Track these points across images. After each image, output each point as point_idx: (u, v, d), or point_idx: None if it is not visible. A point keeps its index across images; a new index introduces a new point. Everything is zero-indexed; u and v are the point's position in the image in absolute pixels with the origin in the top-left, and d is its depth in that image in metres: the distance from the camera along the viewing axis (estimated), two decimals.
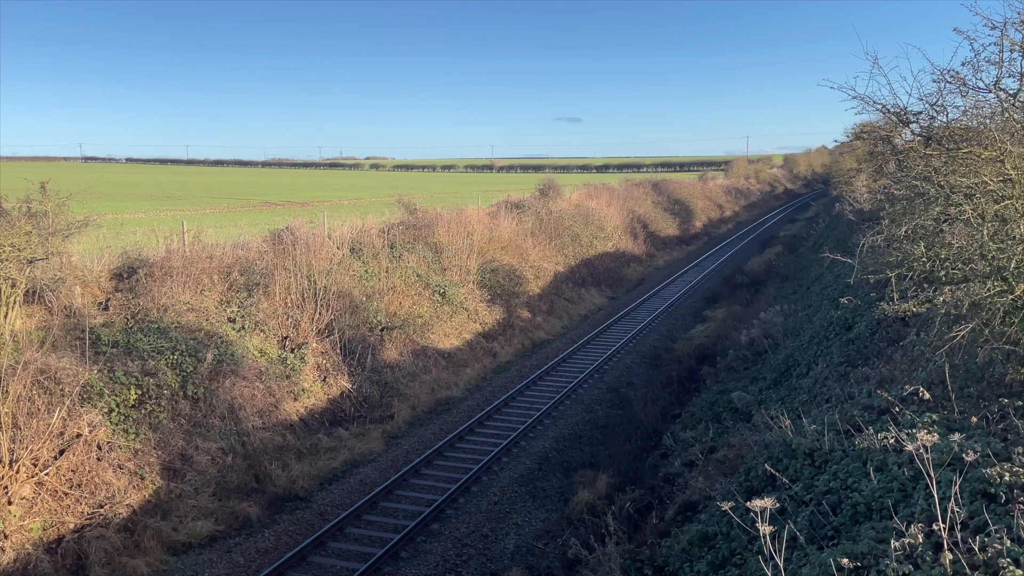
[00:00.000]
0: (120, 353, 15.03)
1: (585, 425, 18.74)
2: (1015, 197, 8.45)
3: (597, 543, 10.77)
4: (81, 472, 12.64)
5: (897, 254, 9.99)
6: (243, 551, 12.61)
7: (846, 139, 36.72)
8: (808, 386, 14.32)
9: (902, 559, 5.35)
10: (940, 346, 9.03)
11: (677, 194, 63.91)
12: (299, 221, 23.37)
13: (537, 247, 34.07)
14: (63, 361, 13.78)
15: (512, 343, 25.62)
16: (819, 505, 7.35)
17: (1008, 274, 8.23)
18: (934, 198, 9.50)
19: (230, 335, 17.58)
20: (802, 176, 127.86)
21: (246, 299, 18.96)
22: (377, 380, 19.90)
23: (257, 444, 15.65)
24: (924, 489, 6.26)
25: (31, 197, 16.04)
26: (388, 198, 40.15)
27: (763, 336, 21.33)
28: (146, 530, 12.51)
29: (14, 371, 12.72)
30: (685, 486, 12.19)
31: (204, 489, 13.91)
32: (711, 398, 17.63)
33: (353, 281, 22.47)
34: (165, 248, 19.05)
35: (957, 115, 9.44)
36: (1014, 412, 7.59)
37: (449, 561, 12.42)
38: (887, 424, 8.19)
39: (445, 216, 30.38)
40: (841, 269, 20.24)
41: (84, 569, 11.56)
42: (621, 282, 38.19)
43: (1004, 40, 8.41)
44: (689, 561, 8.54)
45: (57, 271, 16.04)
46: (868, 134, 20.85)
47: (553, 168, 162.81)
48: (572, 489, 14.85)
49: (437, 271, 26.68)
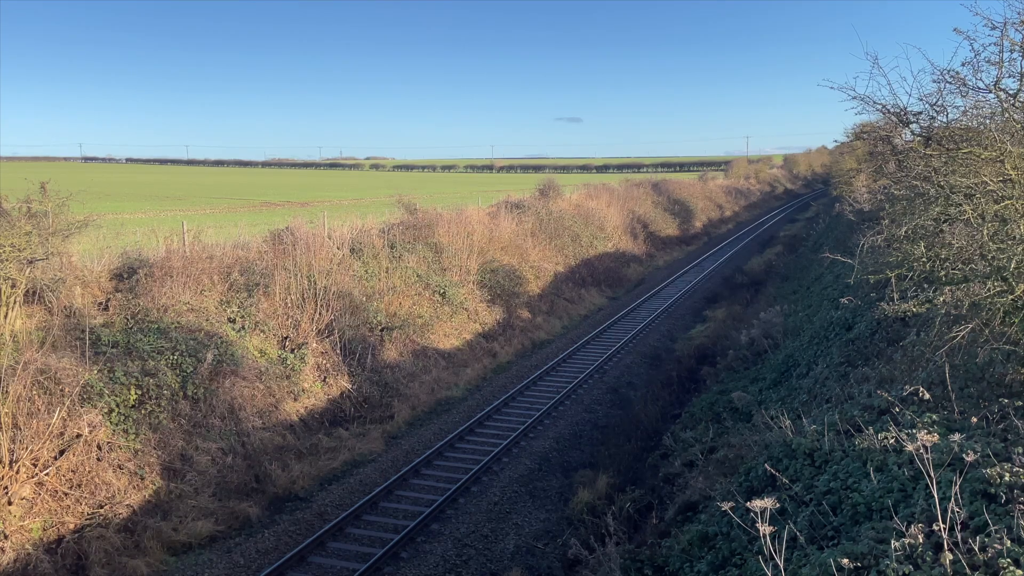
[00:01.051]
0: (120, 353, 15.04)
1: (585, 425, 18.74)
2: (1015, 197, 8.45)
3: (597, 543, 10.77)
4: (81, 472, 12.64)
5: (897, 254, 10.00)
6: (243, 551, 12.61)
7: (846, 139, 36.76)
8: (808, 386, 14.33)
9: (902, 559, 5.35)
10: (940, 346, 9.03)
11: (677, 194, 63.93)
12: (299, 221, 23.36)
13: (537, 247, 34.06)
14: (63, 361, 13.78)
15: (512, 343, 25.62)
16: (819, 505, 7.35)
17: (1008, 274, 8.23)
18: (934, 198, 9.50)
19: (230, 335, 17.58)
20: (802, 176, 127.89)
21: (246, 299, 18.96)
22: (377, 380, 19.91)
23: (257, 444, 15.65)
24: (924, 489, 6.26)
25: (31, 197, 16.04)
26: (388, 198, 40.14)
27: (763, 336, 21.34)
28: (146, 530, 12.52)
29: (14, 371, 12.72)
30: (685, 486, 12.20)
31: (204, 489, 13.91)
32: (711, 398, 17.64)
33: (353, 281, 22.47)
34: (165, 248, 19.06)
35: (957, 115, 9.44)
36: (1014, 412, 7.59)
37: (449, 561, 12.43)
38: (887, 424, 8.19)
39: (445, 216, 30.38)
40: (841, 269, 20.24)
41: (84, 569, 11.56)
42: (621, 282, 38.18)
43: (1004, 40, 8.40)
44: (689, 561, 8.54)
45: (57, 271, 16.04)
46: (868, 134, 20.83)
47: (553, 168, 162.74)
48: (572, 489, 14.85)
49: (437, 271, 26.68)
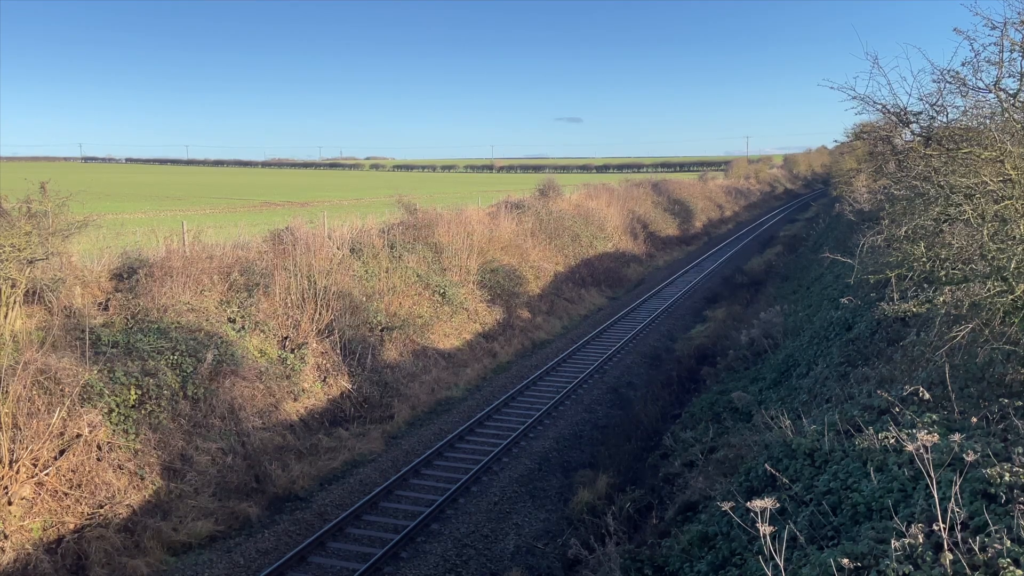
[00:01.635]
0: (120, 353, 15.04)
1: (585, 425, 18.74)
2: (1015, 197, 8.45)
3: (597, 543, 10.76)
4: (81, 472, 12.64)
5: (897, 254, 10.00)
6: (243, 551, 12.61)
7: (846, 139, 36.68)
8: (808, 386, 14.32)
9: (902, 559, 5.35)
10: (940, 346, 9.03)
11: (677, 194, 63.93)
12: (299, 221, 23.35)
13: (537, 247, 34.06)
14: (63, 361, 13.77)
15: (512, 343, 25.61)
16: (819, 505, 7.35)
17: (1008, 274, 8.23)
18: (934, 198, 9.50)
19: (230, 335, 17.58)
20: (802, 176, 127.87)
21: (246, 299, 18.96)
22: (377, 380, 19.90)
23: (257, 444, 15.65)
24: (924, 489, 6.26)
25: (31, 197, 16.03)
26: (388, 198, 40.11)
27: (763, 336, 21.33)
28: (146, 530, 12.51)
29: (14, 371, 12.72)
30: (685, 486, 12.19)
31: (204, 489, 13.91)
32: (711, 398, 17.63)
33: (353, 281, 22.47)
34: (165, 248, 19.04)
35: (957, 115, 9.45)
36: (1014, 412, 7.59)
37: (449, 561, 12.42)
38: (887, 424, 8.19)
39: (445, 216, 30.37)
40: (841, 269, 20.23)
41: (84, 569, 11.56)
42: (621, 282, 38.18)
43: (1004, 40, 8.41)
44: (689, 561, 8.54)
45: (57, 271, 16.04)
46: (868, 134, 20.83)
47: (553, 168, 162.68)
48: (572, 489, 14.85)
49: (437, 271, 26.68)
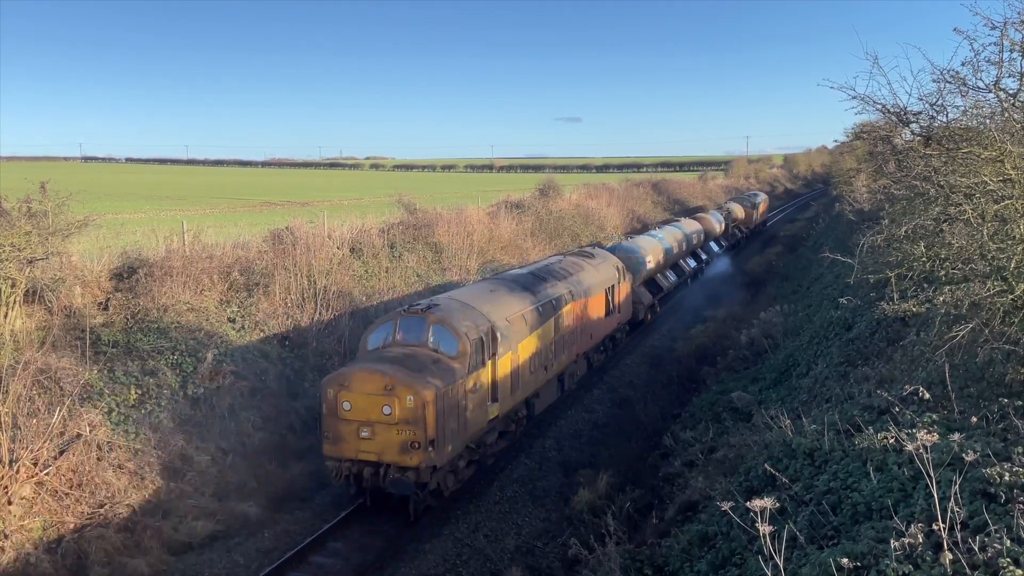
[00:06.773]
0: (120, 353, 15.04)
1: (585, 425, 18.73)
2: (1015, 197, 8.45)
3: (597, 543, 10.76)
4: (81, 472, 12.64)
5: (897, 254, 10.00)
6: (243, 551, 12.60)
7: (846, 139, 36.64)
8: (808, 386, 14.32)
9: (902, 559, 5.36)
10: (940, 346, 9.03)
11: (677, 194, 63.92)
12: (299, 221, 23.35)
13: (537, 247, 34.06)
14: (63, 361, 13.78)
15: None
16: (819, 505, 7.35)
17: (1008, 274, 8.24)
18: (934, 198, 9.50)
19: (230, 335, 17.58)
20: (802, 176, 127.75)
21: (246, 299, 18.96)
22: None
23: (257, 444, 15.64)
24: (924, 489, 6.26)
25: (31, 197, 16.03)
26: (388, 198, 40.11)
27: (763, 336, 21.33)
28: (146, 530, 12.50)
29: (14, 371, 12.73)
30: (685, 486, 12.19)
31: (204, 489, 13.91)
32: (711, 398, 17.62)
33: (353, 281, 22.46)
34: (165, 248, 19.04)
35: (957, 115, 9.44)
36: (1014, 412, 7.60)
37: (449, 561, 12.42)
38: (887, 424, 8.19)
39: (445, 216, 30.36)
40: (841, 269, 20.21)
41: (84, 569, 11.55)
42: None
43: (1004, 40, 8.41)
44: (689, 561, 8.55)
45: (57, 271, 16.03)
46: (868, 134, 20.80)
47: (553, 168, 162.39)
48: (572, 489, 14.85)
49: (437, 271, 26.68)
